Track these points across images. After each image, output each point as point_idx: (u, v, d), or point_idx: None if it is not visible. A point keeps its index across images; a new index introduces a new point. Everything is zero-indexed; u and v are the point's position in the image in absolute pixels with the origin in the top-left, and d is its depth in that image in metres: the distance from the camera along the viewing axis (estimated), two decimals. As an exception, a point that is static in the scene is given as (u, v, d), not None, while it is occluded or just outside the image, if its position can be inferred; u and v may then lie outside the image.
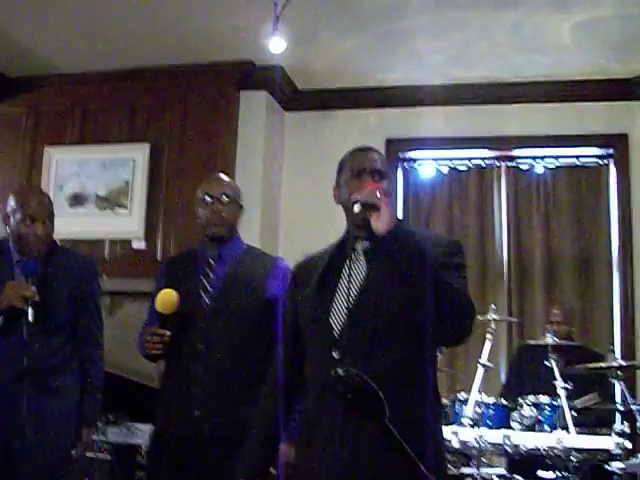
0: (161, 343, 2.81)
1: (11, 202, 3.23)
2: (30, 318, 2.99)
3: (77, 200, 5.67)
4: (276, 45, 4.42)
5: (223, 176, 3.20)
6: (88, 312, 3.35)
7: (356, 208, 2.07)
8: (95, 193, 5.65)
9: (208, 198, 3.03)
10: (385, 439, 1.43)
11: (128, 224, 5.56)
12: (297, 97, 6.00)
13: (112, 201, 5.63)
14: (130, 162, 5.64)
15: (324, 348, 2.12)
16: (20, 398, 2.99)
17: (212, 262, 3.02)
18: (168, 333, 2.81)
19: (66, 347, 3.24)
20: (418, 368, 2.11)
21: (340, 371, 1.43)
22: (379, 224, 2.03)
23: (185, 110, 5.69)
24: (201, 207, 3.05)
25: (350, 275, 2.17)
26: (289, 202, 5.95)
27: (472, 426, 3.99)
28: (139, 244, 5.54)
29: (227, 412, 2.83)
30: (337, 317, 2.13)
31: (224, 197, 3.04)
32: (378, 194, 2.06)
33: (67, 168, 5.74)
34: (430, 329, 2.02)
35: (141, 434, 4.41)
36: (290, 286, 2.43)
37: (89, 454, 3.81)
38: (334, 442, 2.04)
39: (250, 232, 5.39)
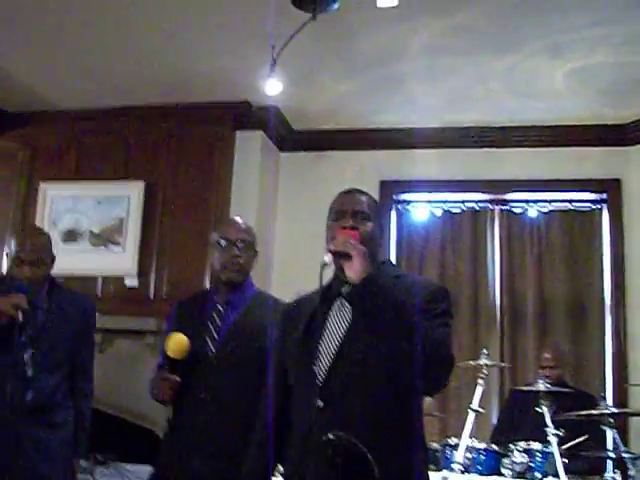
0: (171, 389, 2.80)
1: (10, 243, 3.41)
2: (20, 319, 3.02)
3: (71, 236, 5.67)
4: (272, 87, 4.45)
5: (240, 220, 3.18)
6: (85, 349, 3.45)
7: (327, 259, 2.06)
8: (89, 230, 5.65)
9: (224, 242, 3.01)
10: None
11: (121, 261, 5.56)
12: (292, 137, 6.04)
13: (106, 238, 5.63)
14: (125, 199, 5.65)
15: (308, 395, 2.10)
16: (24, 434, 3.04)
17: (221, 309, 2.99)
18: (178, 379, 2.79)
19: (65, 383, 3.30)
20: (401, 416, 2.09)
21: (330, 435, 1.42)
22: (351, 272, 2.03)
23: (181, 149, 5.72)
24: (217, 251, 3.03)
25: (335, 322, 2.16)
26: (282, 243, 5.96)
27: (463, 472, 3.96)
28: (132, 282, 5.53)
29: (228, 464, 2.76)
30: (321, 365, 2.11)
31: (240, 242, 3.02)
32: (350, 242, 2.06)
33: (62, 204, 5.75)
34: (410, 378, 2.00)
35: (130, 475, 4.35)
36: (278, 330, 2.42)
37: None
38: None
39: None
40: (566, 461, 3.99)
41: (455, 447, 4.12)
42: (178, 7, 4.34)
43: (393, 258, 5.87)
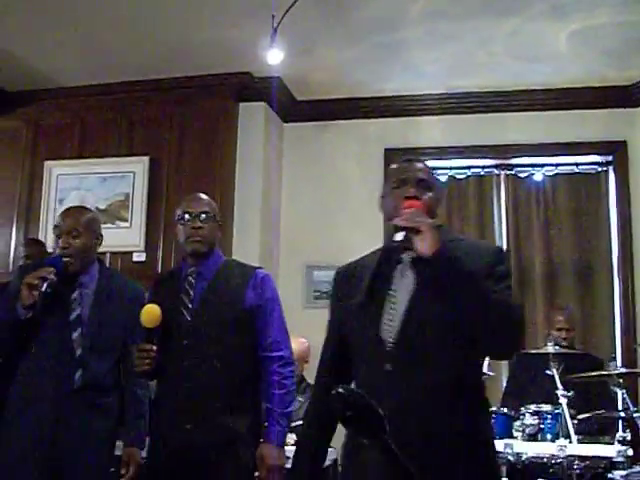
0: (148, 358, 2.86)
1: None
2: (43, 289, 2.94)
3: (77, 213, 5.66)
4: (274, 57, 4.43)
5: (201, 195, 3.24)
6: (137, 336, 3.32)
7: (397, 237, 2.04)
8: (95, 206, 5.64)
9: (187, 216, 3.09)
10: (386, 456, 1.42)
11: (128, 237, 5.58)
12: (295, 108, 6.03)
13: (112, 214, 5.65)
14: (130, 175, 5.67)
15: (375, 360, 2.11)
16: (68, 414, 3.02)
17: (192, 279, 3.08)
18: (154, 348, 2.86)
19: (116, 369, 3.25)
20: (468, 379, 2.11)
21: (340, 390, 1.43)
22: (422, 246, 2.01)
23: (184, 123, 5.72)
24: (180, 225, 3.10)
25: (397, 289, 2.16)
26: (289, 212, 5.97)
27: (474, 435, 3.98)
28: (140, 256, 5.56)
29: (215, 422, 2.88)
30: (389, 330, 2.11)
31: (202, 215, 3.09)
32: (418, 217, 2.04)
33: (67, 182, 5.77)
34: (479, 343, 2.03)
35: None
36: (333, 295, 2.42)
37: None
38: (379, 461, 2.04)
39: (250, 244, 5.43)
40: (576, 422, 4.02)
41: (466, 411, 4.13)
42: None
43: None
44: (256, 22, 4.51)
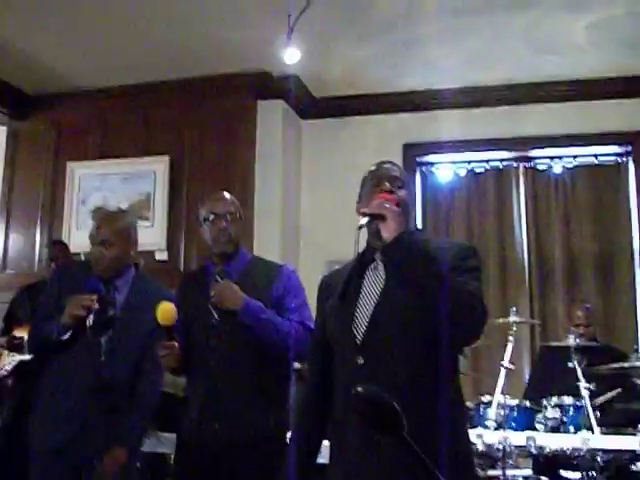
0: (172, 355, 2.88)
1: None
2: (89, 323, 3.03)
3: (100, 214, 5.73)
4: (291, 56, 4.46)
5: (225, 194, 3.25)
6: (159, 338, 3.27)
7: (362, 221, 2.13)
8: (117, 206, 5.71)
9: (213, 217, 3.10)
10: (404, 453, 1.46)
11: (150, 236, 5.62)
12: (314, 105, 6.05)
13: (134, 214, 5.70)
14: (151, 175, 5.73)
15: (349, 354, 2.20)
16: (93, 414, 3.05)
17: (219, 278, 3.08)
18: (176, 344, 2.87)
19: (135, 372, 3.24)
20: (439, 371, 2.15)
21: (359, 389, 1.47)
22: (386, 232, 2.10)
23: (203, 122, 5.77)
24: (207, 226, 3.12)
25: (370, 284, 2.26)
26: (309, 209, 6.00)
27: (497, 428, 4.00)
28: (162, 255, 5.61)
29: (245, 421, 2.92)
30: (359, 325, 2.20)
31: (228, 215, 3.11)
32: (385, 204, 2.13)
33: (89, 182, 5.85)
34: (446, 332, 2.07)
35: (168, 443, 4.43)
36: (318, 300, 2.50)
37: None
38: (360, 449, 2.10)
39: (270, 241, 5.47)
40: (598, 414, 4.03)
41: (488, 405, 4.15)
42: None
43: (419, 220, 5.90)
44: (273, 21, 4.54)
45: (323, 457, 2.37)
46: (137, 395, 3.21)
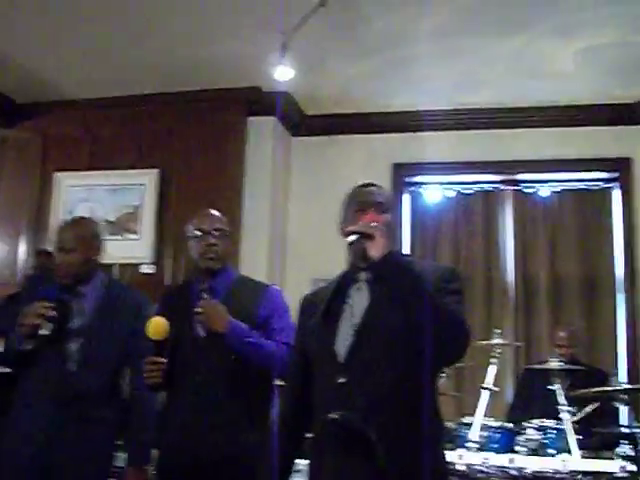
0: (158, 370, 2.87)
1: None
2: (44, 332, 2.95)
3: (87, 225, 5.72)
4: (282, 73, 4.50)
5: (213, 211, 3.27)
6: (142, 350, 3.13)
7: (350, 238, 2.16)
8: (104, 218, 5.71)
9: (200, 233, 3.11)
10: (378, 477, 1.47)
11: (137, 249, 5.64)
12: (304, 122, 6.09)
13: (121, 226, 5.71)
14: (139, 188, 5.73)
15: (329, 374, 2.19)
16: (62, 425, 3.01)
17: (205, 295, 3.07)
18: (164, 360, 2.87)
19: (110, 381, 3.20)
20: (420, 391, 2.16)
21: (335, 415, 1.49)
22: (374, 250, 2.12)
23: (194, 136, 5.78)
24: (194, 242, 3.13)
25: (353, 304, 2.26)
26: (296, 226, 6.01)
27: (478, 450, 4.02)
28: (148, 268, 5.60)
29: (226, 440, 2.90)
30: (342, 343, 2.20)
31: (215, 232, 3.12)
32: (373, 224, 2.16)
33: (76, 194, 5.84)
34: (429, 353, 2.07)
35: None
36: (298, 319, 2.51)
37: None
38: (337, 470, 2.09)
39: (257, 256, 5.47)
40: (579, 437, 4.05)
41: (470, 426, 4.17)
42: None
43: (407, 240, 5.94)
44: (266, 37, 4.57)
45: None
46: (135, 410, 3.18)
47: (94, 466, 3.08)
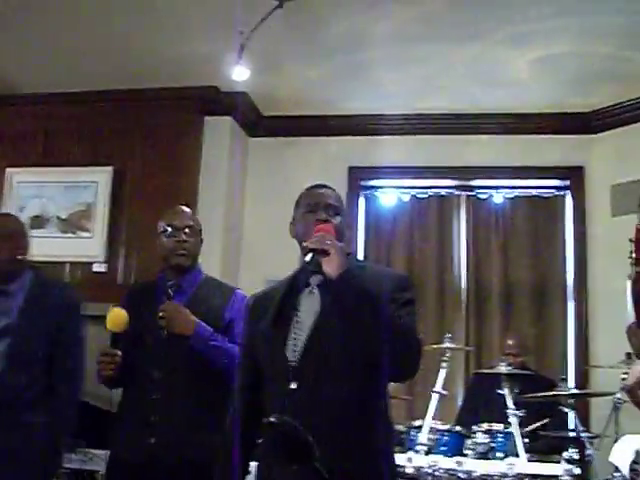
0: (112, 363, 2.84)
1: None
2: None
3: (38, 222, 5.64)
4: (239, 73, 4.47)
5: (185, 208, 3.27)
6: (66, 346, 3.13)
7: (307, 257, 2.13)
8: (56, 215, 5.65)
9: (171, 229, 3.10)
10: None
11: (89, 247, 5.57)
12: (261, 123, 6.07)
13: (73, 224, 5.64)
14: (93, 185, 5.65)
15: (281, 379, 2.18)
16: None
17: (171, 292, 3.07)
18: (119, 353, 2.84)
19: (41, 382, 3.06)
20: (370, 397, 2.17)
21: (272, 419, 1.48)
22: (329, 268, 2.10)
23: (149, 134, 5.72)
24: (164, 237, 3.11)
25: (305, 308, 2.25)
26: (251, 227, 5.99)
27: (426, 453, 4.05)
28: (100, 267, 5.54)
29: (183, 439, 2.86)
30: (294, 348, 2.19)
31: (187, 229, 3.12)
32: (328, 240, 2.13)
33: (28, 190, 5.73)
34: (381, 362, 2.08)
35: (98, 460, 4.36)
36: (246, 320, 2.48)
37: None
38: (282, 473, 2.07)
39: (211, 258, 5.39)
40: (527, 441, 4.10)
41: (420, 429, 4.20)
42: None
43: (361, 243, 5.96)
44: (224, 38, 4.55)
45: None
46: (55, 421, 3.02)
47: (20, 472, 2.92)
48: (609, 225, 5.44)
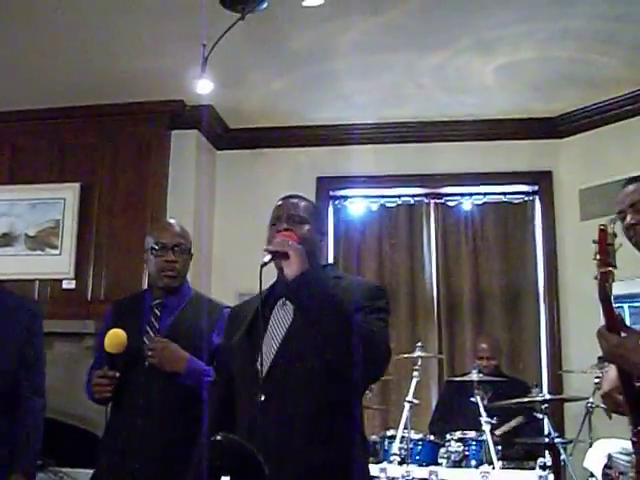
0: (110, 385, 2.78)
1: None
2: None
3: (6, 240, 5.61)
4: (203, 86, 4.45)
5: (175, 223, 3.13)
6: (30, 359, 3.10)
7: (265, 258, 2.13)
8: (24, 233, 5.60)
9: (159, 247, 2.98)
10: None
11: (58, 264, 5.51)
12: (228, 136, 6.05)
13: (42, 241, 5.58)
14: (60, 202, 5.60)
15: (251, 392, 2.17)
16: None
17: (157, 311, 2.97)
18: (117, 374, 2.78)
19: (10, 394, 3.01)
20: (341, 408, 2.16)
21: (218, 437, 1.46)
22: (289, 270, 2.09)
23: (116, 150, 5.68)
24: (153, 256, 2.99)
25: (278, 320, 2.25)
26: (221, 240, 5.96)
27: (400, 462, 4.04)
28: (69, 284, 5.49)
29: (166, 465, 2.78)
30: (264, 361, 2.18)
31: (176, 247, 2.99)
32: (286, 242, 2.13)
33: (-4, 208, 5.69)
34: (350, 371, 2.06)
35: (68, 479, 4.32)
36: (225, 331, 2.48)
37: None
38: None
39: (181, 271, 5.39)
40: (500, 448, 4.10)
41: (393, 439, 4.19)
42: (109, 7, 4.31)
43: (331, 253, 5.94)
44: (187, 51, 4.53)
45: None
46: (22, 429, 3.01)
47: None
48: (578, 229, 5.45)
